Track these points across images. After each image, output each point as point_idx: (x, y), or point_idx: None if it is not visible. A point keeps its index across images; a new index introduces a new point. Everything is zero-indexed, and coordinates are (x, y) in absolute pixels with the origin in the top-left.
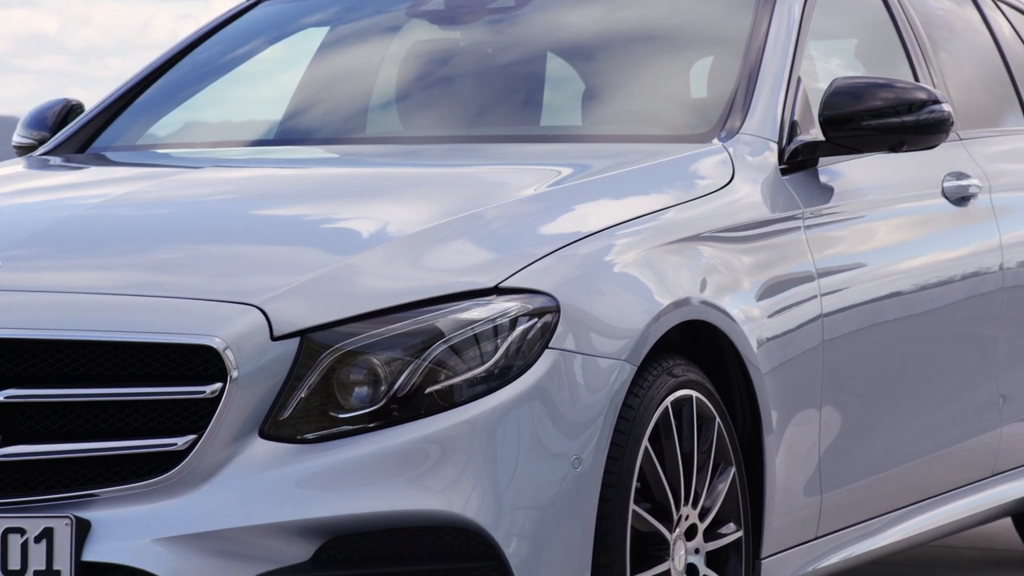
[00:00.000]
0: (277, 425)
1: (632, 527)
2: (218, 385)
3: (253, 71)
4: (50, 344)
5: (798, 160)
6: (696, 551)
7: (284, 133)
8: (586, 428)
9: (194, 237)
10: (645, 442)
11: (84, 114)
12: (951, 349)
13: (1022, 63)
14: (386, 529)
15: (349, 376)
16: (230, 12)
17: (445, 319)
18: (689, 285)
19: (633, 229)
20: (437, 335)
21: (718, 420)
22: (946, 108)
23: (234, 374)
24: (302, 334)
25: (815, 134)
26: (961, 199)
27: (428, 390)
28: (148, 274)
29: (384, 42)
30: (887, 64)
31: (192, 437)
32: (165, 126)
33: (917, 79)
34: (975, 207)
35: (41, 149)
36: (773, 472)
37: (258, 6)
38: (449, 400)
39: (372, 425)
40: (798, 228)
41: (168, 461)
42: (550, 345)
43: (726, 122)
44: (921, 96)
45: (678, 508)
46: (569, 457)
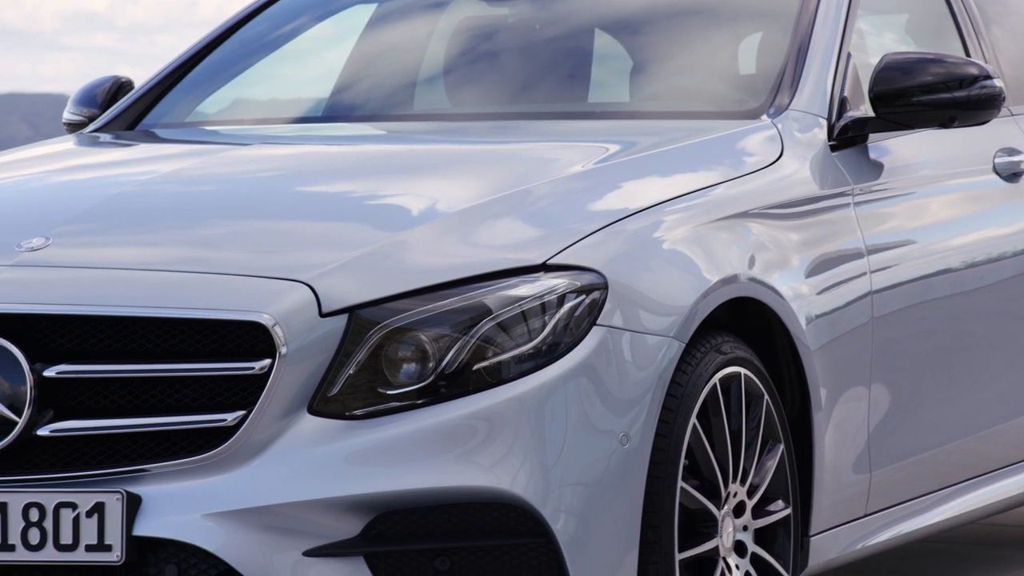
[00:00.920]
0: (326, 401)
1: (680, 504)
2: (267, 361)
3: (301, 48)
4: (100, 320)
5: (848, 136)
6: (744, 528)
7: (331, 110)
8: (634, 405)
9: (243, 213)
10: (693, 419)
11: (133, 91)
12: (1001, 326)
13: None
14: (434, 505)
15: (397, 353)
16: None
17: (493, 296)
18: (738, 262)
19: (681, 206)
20: (485, 312)
21: (766, 397)
22: (997, 83)
23: (283, 350)
24: (350, 311)
25: (865, 110)
26: (1013, 175)
27: (476, 367)
28: (197, 250)
29: (432, 18)
30: (938, 39)
31: (241, 413)
32: (213, 103)
33: (968, 54)
34: None
35: (91, 126)
36: (822, 449)
37: None
38: (497, 377)
39: (420, 402)
40: (847, 205)
41: (218, 437)
42: (598, 322)
43: (775, 98)
44: (972, 71)
45: (726, 485)
46: (617, 434)
